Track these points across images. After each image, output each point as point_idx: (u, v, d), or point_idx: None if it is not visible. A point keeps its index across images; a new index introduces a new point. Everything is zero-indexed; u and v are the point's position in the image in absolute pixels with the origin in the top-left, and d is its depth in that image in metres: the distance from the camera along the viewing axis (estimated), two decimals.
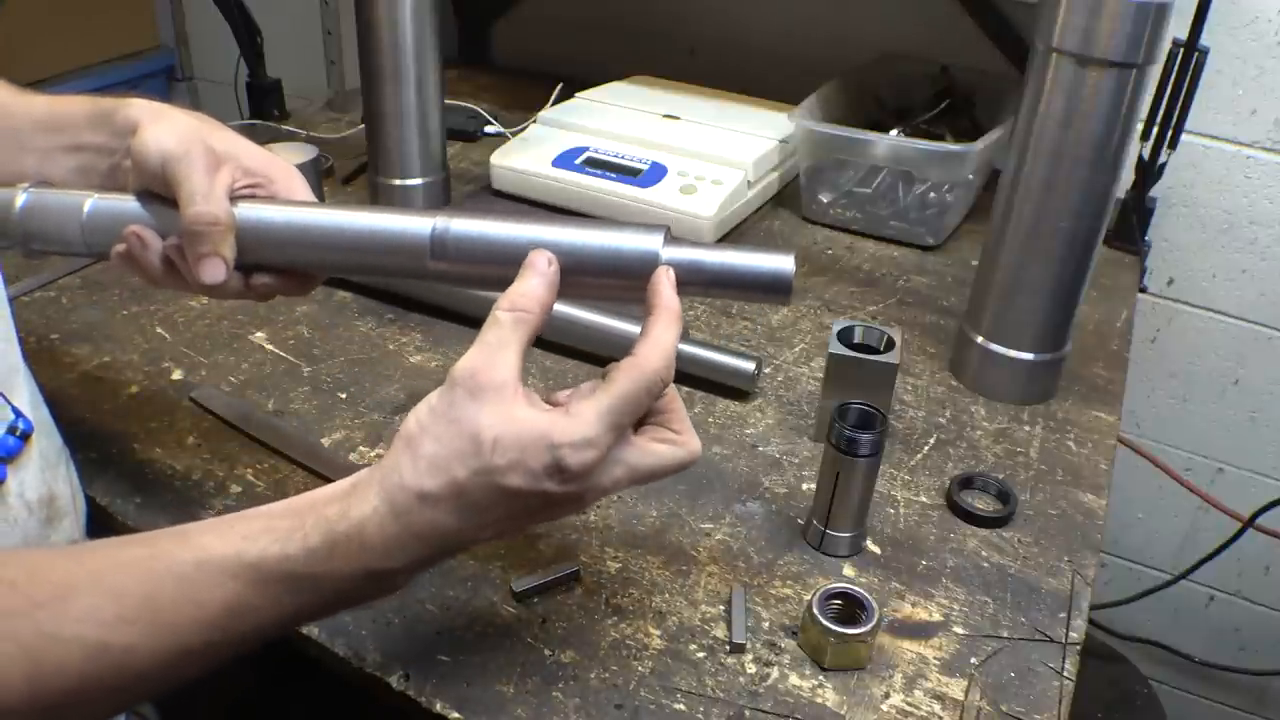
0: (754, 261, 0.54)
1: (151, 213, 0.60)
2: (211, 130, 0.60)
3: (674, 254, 0.54)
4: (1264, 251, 1.25)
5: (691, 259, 0.54)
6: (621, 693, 0.58)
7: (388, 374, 0.86)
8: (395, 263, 0.58)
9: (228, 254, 0.57)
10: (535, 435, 0.47)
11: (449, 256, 0.56)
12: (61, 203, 0.62)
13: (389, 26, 1.04)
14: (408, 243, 0.56)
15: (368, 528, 0.47)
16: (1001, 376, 0.88)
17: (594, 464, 0.48)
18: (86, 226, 0.61)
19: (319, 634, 0.61)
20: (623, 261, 0.54)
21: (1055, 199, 0.80)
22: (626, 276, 0.54)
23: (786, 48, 1.46)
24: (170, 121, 0.59)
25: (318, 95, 1.59)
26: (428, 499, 0.47)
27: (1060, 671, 0.62)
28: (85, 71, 1.89)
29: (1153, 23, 0.72)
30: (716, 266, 0.54)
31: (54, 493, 0.61)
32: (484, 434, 0.47)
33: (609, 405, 0.49)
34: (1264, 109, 1.19)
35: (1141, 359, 1.36)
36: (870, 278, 1.09)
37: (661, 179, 1.11)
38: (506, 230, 0.55)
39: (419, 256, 0.56)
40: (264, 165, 0.62)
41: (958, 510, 0.74)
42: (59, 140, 0.64)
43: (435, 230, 0.56)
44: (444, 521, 0.48)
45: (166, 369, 0.85)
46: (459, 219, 0.56)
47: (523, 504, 0.49)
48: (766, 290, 0.55)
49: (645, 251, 0.54)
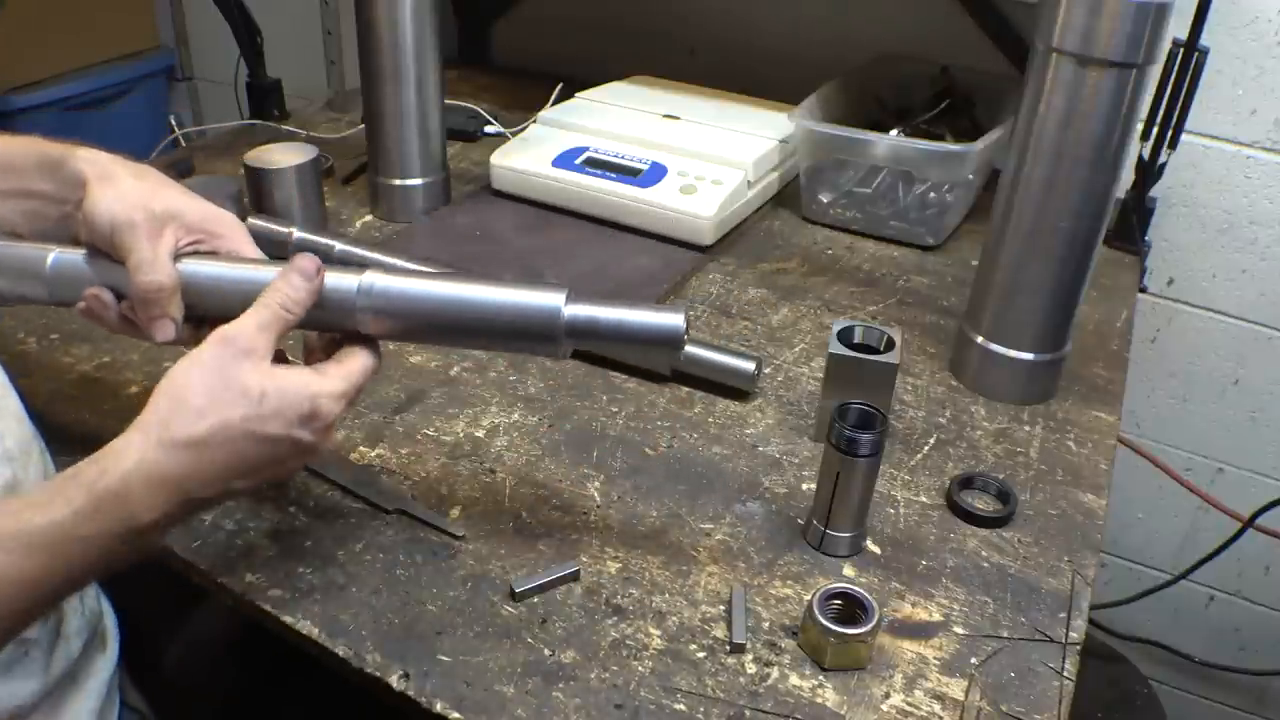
0: (646, 318, 0.60)
1: (107, 270, 0.64)
2: (155, 191, 0.64)
3: (575, 310, 0.60)
4: (1264, 251, 1.25)
5: (589, 315, 0.60)
6: (621, 693, 0.58)
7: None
8: (327, 318, 0.61)
9: (175, 314, 0.62)
10: (298, 387, 0.55)
11: (372, 310, 0.60)
12: (25, 256, 0.66)
13: (389, 26, 1.04)
14: (339, 298, 0.61)
15: (132, 480, 0.51)
16: (1001, 376, 0.88)
17: (338, 415, 0.57)
18: (50, 280, 0.65)
19: (319, 634, 0.61)
20: (529, 317, 0.60)
21: (1055, 199, 0.80)
22: (529, 333, 0.60)
23: (787, 48, 1.46)
24: (116, 188, 0.62)
25: (318, 95, 1.59)
26: (196, 445, 0.52)
27: (1060, 671, 0.62)
28: (85, 71, 1.89)
29: (1153, 23, 0.73)
30: (611, 323, 0.60)
31: (18, 479, 0.61)
32: (253, 387, 0.54)
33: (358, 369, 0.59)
34: (1264, 109, 1.19)
35: (1141, 359, 1.36)
36: (870, 278, 1.09)
37: (661, 179, 1.11)
38: (425, 287, 0.61)
39: (349, 312, 0.61)
40: (207, 221, 0.65)
41: (958, 510, 0.74)
42: (7, 183, 0.66)
43: (361, 286, 0.60)
44: (206, 469, 0.52)
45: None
46: (383, 276, 0.61)
47: (270, 450, 0.54)
48: (660, 344, 0.61)
49: (547, 308, 0.60)
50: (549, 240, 1.10)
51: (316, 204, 1.08)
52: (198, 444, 0.52)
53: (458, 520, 0.71)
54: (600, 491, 0.75)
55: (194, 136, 1.90)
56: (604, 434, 0.81)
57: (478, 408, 0.83)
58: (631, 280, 1.02)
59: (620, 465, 0.77)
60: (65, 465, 0.62)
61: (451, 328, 0.61)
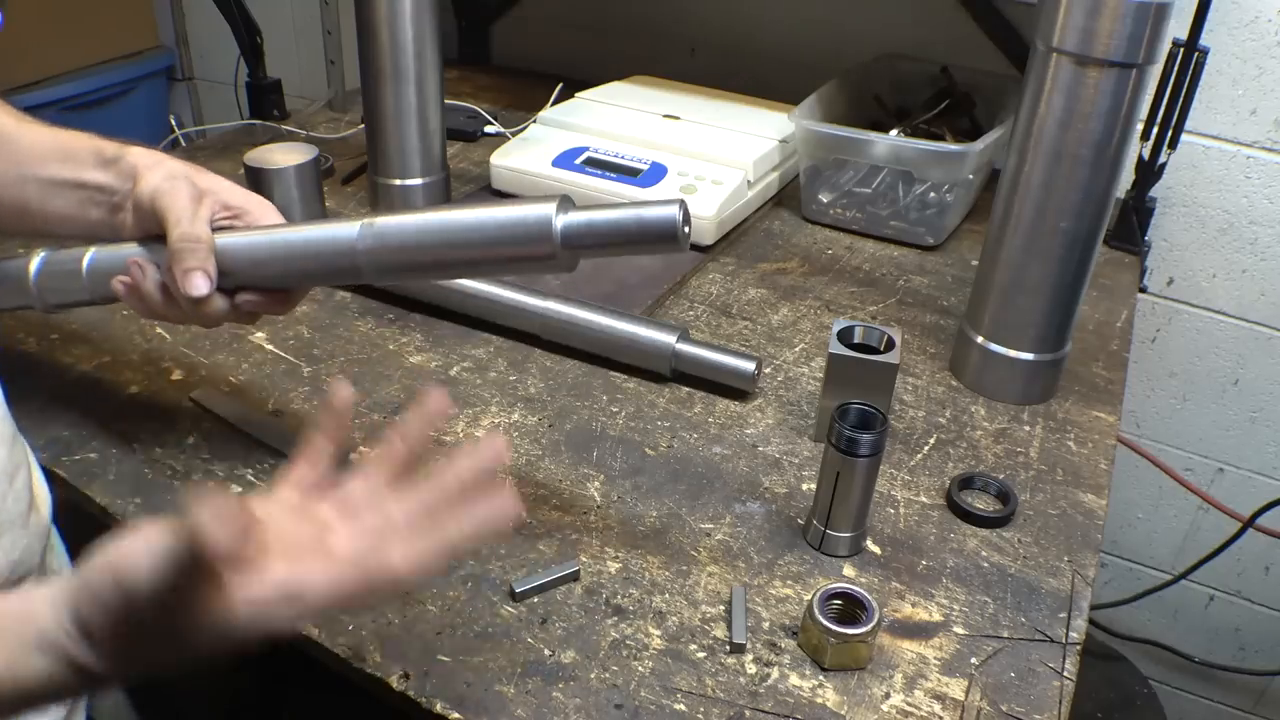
0: (640, 214, 0.60)
1: (146, 248, 0.67)
2: (197, 172, 0.67)
3: (568, 218, 0.60)
4: (1264, 251, 1.25)
5: (584, 220, 0.60)
6: (621, 693, 0.58)
7: (388, 374, 0.86)
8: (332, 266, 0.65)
9: (210, 268, 0.64)
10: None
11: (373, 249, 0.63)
12: (64, 260, 0.71)
13: (389, 26, 1.04)
14: (340, 244, 0.63)
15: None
16: (1001, 376, 0.88)
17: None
18: (89, 275, 0.69)
19: (319, 634, 0.61)
20: (522, 228, 0.60)
21: (1055, 199, 0.80)
22: (526, 242, 0.60)
23: (787, 48, 1.46)
24: (163, 166, 0.66)
25: (318, 95, 1.59)
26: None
27: (1060, 671, 0.62)
28: (85, 71, 1.89)
29: (1153, 23, 0.72)
30: (605, 223, 0.60)
31: None
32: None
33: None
34: (1264, 109, 1.19)
35: (1141, 359, 1.36)
36: (870, 278, 1.09)
37: (661, 179, 1.11)
38: (421, 219, 0.63)
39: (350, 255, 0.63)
40: (242, 200, 0.68)
41: (958, 510, 0.74)
42: (64, 173, 0.68)
43: (361, 227, 0.63)
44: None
45: (166, 369, 0.85)
46: (380, 216, 0.63)
47: None
48: (656, 239, 0.60)
49: (540, 217, 0.60)
50: None
51: (316, 204, 1.08)
52: None
53: None
54: (600, 491, 0.75)
55: (194, 136, 1.90)
56: (604, 434, 0.81)
57: (478, 408, 0.83)
58: (631, 280, 1.02)
59: (620, 465, 0.77)
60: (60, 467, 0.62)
61: (451, 255, 0.62)
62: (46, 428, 0.77)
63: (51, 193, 0.69)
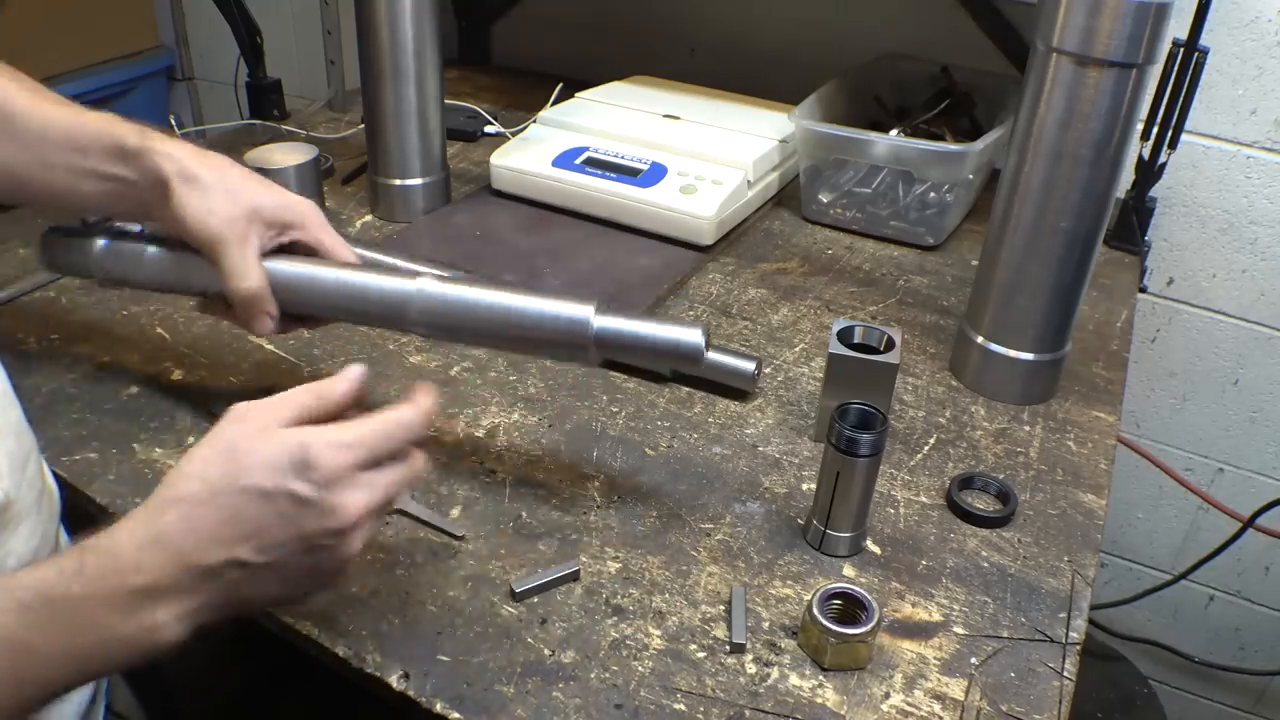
0: (669, 333, 0.66)
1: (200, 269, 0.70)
2: (235, 193, 0.68)
3: (604, 321, 0.66)
4: (1264, 251, 1.25)
5: (617, 327, 0.66)
6: (621, 693, 0.58)
7: (388, 374, 0.86)
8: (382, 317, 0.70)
9: (272, 310, 0.69)
10: (288, 436, 0.51)
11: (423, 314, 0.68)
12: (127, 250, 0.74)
13: (389, 26, 1.04)
14: (395, 300, 0.68)
15: (119, 536, 0.49)
16: (1001, 376, 0.88)
17: (342, 467, 0.51)
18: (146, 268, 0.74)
19: (319, 634, 0.61)
20: (565, 322, 0.66)
21: (1055, 199, 0.80)
22: (565, 334, 0.66)
23: (786, 48, 1.46)
24: (200, 195, 0.67)
25: (318, 95, 1.59)
26: (183, 502, 0.49)
27: (1060, 671, 0.62)
28: (85, 71, 1.89)
29: (1153, 23, 0.73)
30: (635, 335, 0.66)
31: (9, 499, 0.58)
32: (239, 443, 0.51)
33: (367, 427, 0.53)
34: (1264, 109, 1.19)
35: (1141, 359, 1.36)
36: (870, 278, 1.09)
37: (661, 179, 1.11)
38: (475, 295, 0.67)
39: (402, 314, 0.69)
40: (285, 211, 0.70)
41: (958, 510, 0.74)
42: (83, 163, 0.69)
43: (416, 291, 0.68)
44: (199, 528, 0.49)
45: (166, 369, 0.85)
46: (434, 283, 0.68)
47: (269, 510, 0.49)
48: (680, 358, 0.67)
49: (580, 317, 0.66)
50: (549, 240, 1.10)
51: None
52: (184, 501, 0.49)
53: (458, 520, 0.71)
54: (600, 491, 0.75)
55: (194, 136, 1.90)
56: (604, 434, 0.81)
57: (478, 408, 0.83)
58: (631, 280, 1.02)
59: (620, 465, 0.77)
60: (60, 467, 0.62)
61: (496, 330, 0.68)
62: (46, 428, 0.77)
63: (80, 181, 0.69)
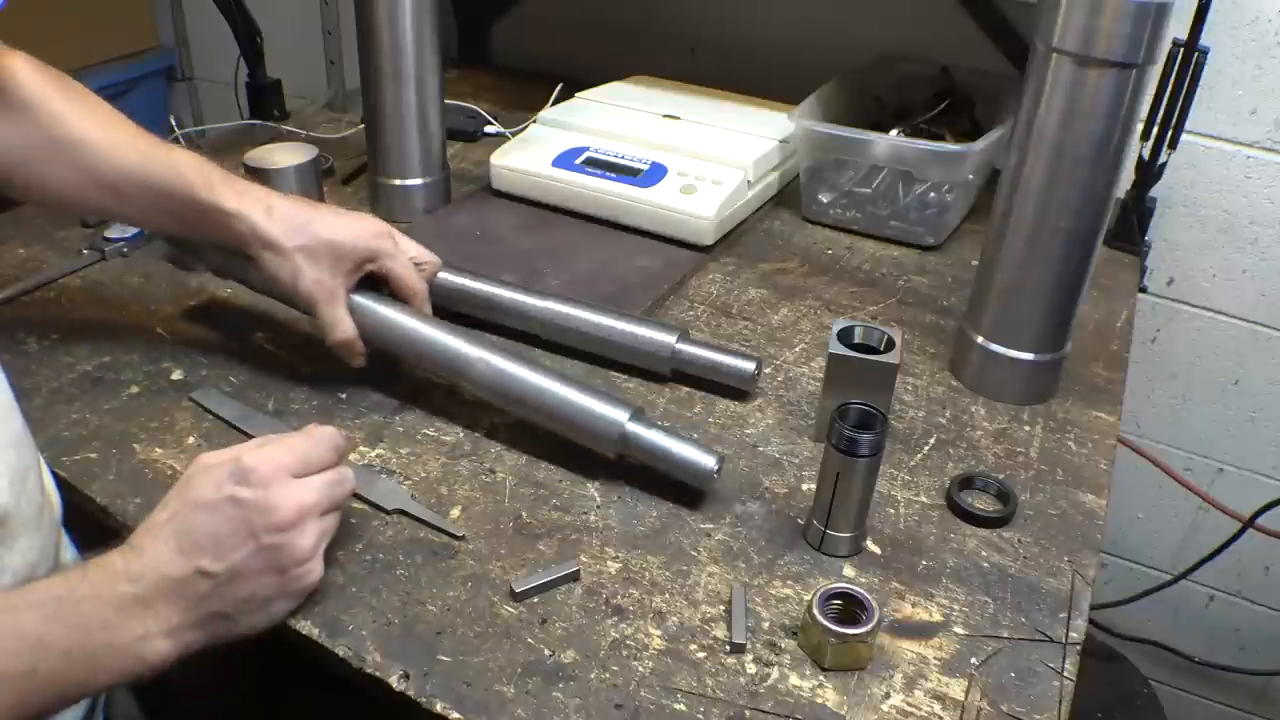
0: (685, 453, 0.71)
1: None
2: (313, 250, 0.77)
3: (634, 428, 0.72)
4: (1264, 251, 1.25)
5: (642, 436, 0.72)
6: (621, 693, 0.58)
7: (388, 374, 0.86)
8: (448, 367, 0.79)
9: (361, 350, 0.81)
10: (226, 455, 0.60)
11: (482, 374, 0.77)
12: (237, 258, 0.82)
13: (389, 26, 1.04)
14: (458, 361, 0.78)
15: (112, 554, 0.57)
16: (1001, 376, 0.88)
17: (276, 469, 0.59)
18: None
19: (319, 634, 0.61)
20: (602, 421, 0.73)
21: (1055, 199, 0.80)
22: (598, 429, 0.73)
23: (787, 48, 1.46)
24: (286, 262, 0.77)
25: (318, 95, 1.59)
26: (149, 528, 0.58)
27: (1060, 671, 0.62)
28: (85, 71, 1.89)
29: (1153, 23, 0.72)
30: (655, 446, 0.72)
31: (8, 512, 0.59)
32: (192, 475, 0.60)
33: (294, 438, 0.62)
34: (1264, 109, 1.19)
35: (1141, 359, 1.36)
36: (870, 278, 1.09)
37: (661, 179, 1.11)
38: (529, 375, 0.76)
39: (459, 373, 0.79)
40: (359, 252, 0.79)
41: (958, 510, 0.74)
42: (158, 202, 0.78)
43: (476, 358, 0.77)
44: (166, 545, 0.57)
45: (166, 369, 0.85)
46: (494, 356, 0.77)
47: (217, 520, 0.57)
48: (690, 476, 0.72)
49: (615, 420, 0.72)
50: (549, 240, 1.10)
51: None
52: (153, 526, 0.58)
53: (458, 520, 0.71)
54: (600, 491, 0.75)
55: (194, 137, 1.89)
56: None
57: (478, 407, 0.83)
58: (632, 280, 1.02)
59: (620, 465, 0.77)
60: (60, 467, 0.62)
61: (537, 406, 0.75)
62: (46, 428, 0.77)
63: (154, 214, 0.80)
